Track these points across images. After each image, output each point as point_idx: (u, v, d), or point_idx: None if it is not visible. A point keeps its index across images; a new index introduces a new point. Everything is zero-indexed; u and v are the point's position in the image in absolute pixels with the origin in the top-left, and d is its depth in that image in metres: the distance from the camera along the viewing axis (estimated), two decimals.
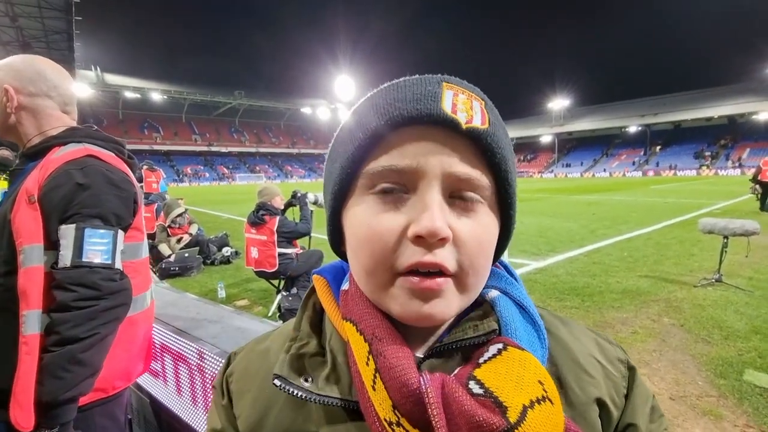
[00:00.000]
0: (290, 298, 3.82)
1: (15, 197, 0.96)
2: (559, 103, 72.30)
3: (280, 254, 3.92)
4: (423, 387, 0.31)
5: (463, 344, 0.37)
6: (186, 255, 5.98)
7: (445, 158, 0.34)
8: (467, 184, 0.35)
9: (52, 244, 0.94)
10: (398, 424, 0.32)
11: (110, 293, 0.95)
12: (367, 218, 0.35)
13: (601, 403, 0.39)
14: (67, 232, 0.93)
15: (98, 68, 61.43)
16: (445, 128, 0.34)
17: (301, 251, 4.20)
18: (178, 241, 6.49)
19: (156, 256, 6.24)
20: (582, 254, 6.37)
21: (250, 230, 4.01)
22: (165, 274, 5.58)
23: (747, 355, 2.96)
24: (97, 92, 61.00)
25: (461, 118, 0.34)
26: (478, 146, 0.35)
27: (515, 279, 0.45)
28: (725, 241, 4.51)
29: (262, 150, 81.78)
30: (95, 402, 1.04)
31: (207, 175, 68.01)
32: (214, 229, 8.91)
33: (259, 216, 3.94)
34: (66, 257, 0.92)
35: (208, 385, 1.04)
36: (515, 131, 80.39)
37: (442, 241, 0.33)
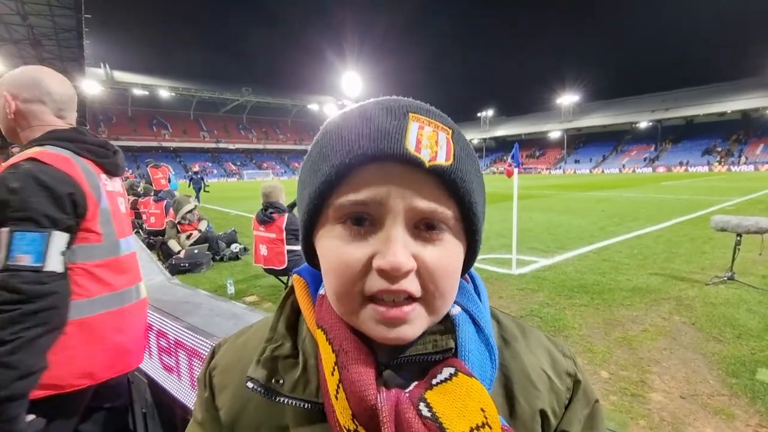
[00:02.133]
0: None
1: None
2: (568, 98, 71.45)
3: (289, 251, 3.94)
4: (378, 404, 0.34)
5: (421, 358, 0.39)
6: (195, 251, 6.04)
7: (409, 194, 0.35)
8: (431, 217, 0.36)
9: None
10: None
11: (35, 297, 0.95)
12: (336, 248, 0.37)
13: (543, 414, 0.43)
14: (1, 237, 0.95)
15: (107, 66, 62.01)
16: (409, 165, 0.34)
17: None
18: (188, 237, 6.55)
19: (166, 253, 6.32)
20: (591, 251, 6.32)
21: (259, 228, 4.04)
22: (175, 270, 5.64)
23: (760, 354, 2.92)
24: (107, 90, 61.62)
25: (425, 155, 0.34)
26: (442, 181, 0.35)
27: (479, 294, 0.46)
28: (738, 238, 4.44)
29: (269, 147, 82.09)
30: (48, 397, 1.06)
31: (215, 171, 68.44)
32: (223, 226, 8.98)
33: (268, 214, 3.96)
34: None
35: None
36: (523, 127, 79.74)
37: (406, 273, 0.35)
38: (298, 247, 3.99)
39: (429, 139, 0.35)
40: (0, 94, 1.15)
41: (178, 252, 6.15)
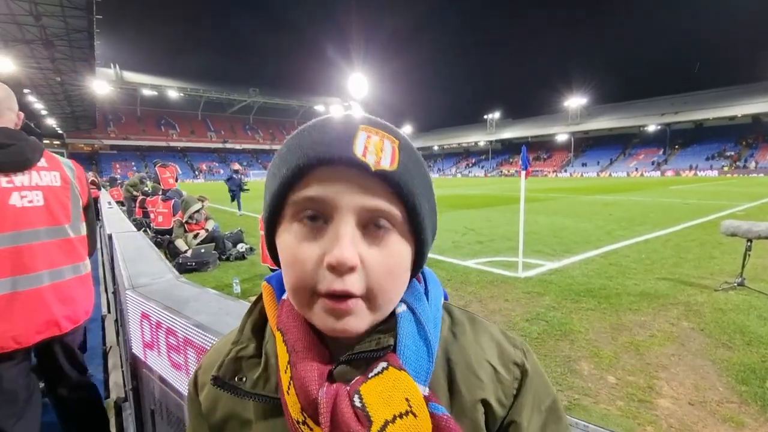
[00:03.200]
0: None
1: None
2: (575, 101, 71.04)
3: None
4: (319, 397, 0.39)
5: (368, 355, 0.42)
6: (202, 251, 6.08)
7: (356, 194, 0.39)
8: (378, 215, 0.39)
9: None
10: (304, 423, 0.39)
11: None
12: (291, 245, 0.41)
13: (486, 403, 0.44)
14: None
15: (117, 66, 62.72)
16: (356, 168, 0.38)
17: None
18: (195, 236, 6.61)
19: (173, 251, 6.38)
20: (598, 255, 6.28)
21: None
22: (182, 269, 5.69)
23: None
24: (116, 90, 62.31)
25: (370, 160, 0.38)
26: (387, 183, 0.39)
27: (427, 291, 0.49)
28: (749, 244, 4.38)
29: (275, 147, 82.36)
30: None
31: (221, 171, 68.87)
32: (229, 225, 9.04)
33: None
34: None
35: None
36: (530, 130, 79.35)
37: (352, 269, 0.38)
38: None
39: (375, 147, 0.39)
40: None
41: (185, 251, 6.20)
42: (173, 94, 69.31)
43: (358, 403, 0.38)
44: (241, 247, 6.75)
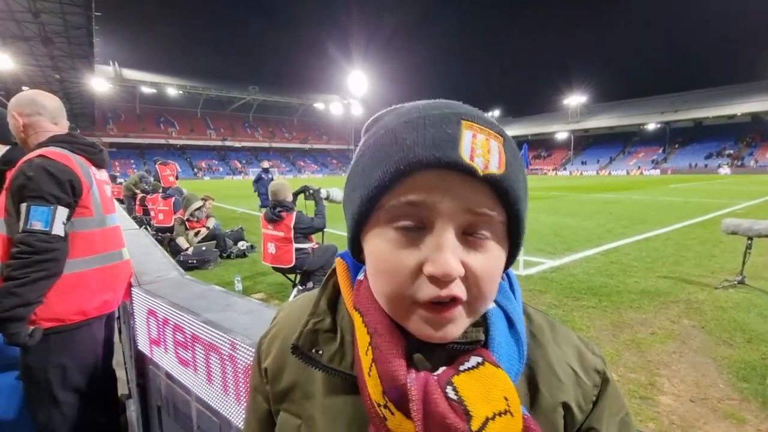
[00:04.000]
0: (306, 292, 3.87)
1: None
2: (575, 99, 70.99)
3: (296, 249, 3.96)
4: (408, 384, 0.37)
5: (450, 346, 0.41)
6: (203, 248, 6.09)
7: (460, 200, 0.36)
8: (481, 224, 0.37)
9: (12, 218, 1.40)
10: (385, 407, 0.38)
11: (42, 251, 1.36)
12: (386, 251, 0.38)
13: (566, 407, 0.43)
14: (22, 209, 1.37)
15: (116, 63, 62.53)
16: (462, 173, 0.35)
17: (317, 246, 4.24)
18: (196, 234, 6.61)
19: (174, 249, 6.38)
20: (599, 253, 6.29)
21: (267, 226, 4.06)
22: (183, 267, 5.67)
23: None
24: (115, 87, 62.09)
25: (479, 164, 0.35)
26: (493, 189, 0.37)
27: (514, 291, 0.48)
28: (749, 242, 4.40)
29: (275, 145, 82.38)
30: (54, 328, 1.47)
31: (221, 169, 68.81)
32: (230, 223, 9.04)
33: (276, 213, 3.99)
34: (20, 226, 1.36)
35: (240, 374, 1.07)
36: (530, 128, 79.28)
37: (455, 279, 0.36)
38: (306, 245, 4.04)
39: (482, 148, 0.36)
40: (10, 115, 1.57)
41: (186, 249, 6.20)
42: (173, 91, 69.14)
43: (453, 395, 0.36)
44: (242, 245, 6.75)
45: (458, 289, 0.37)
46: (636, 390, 2.55)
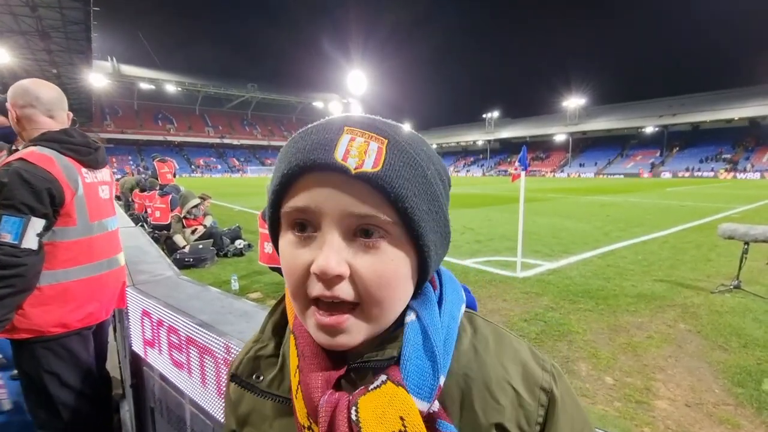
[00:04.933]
0: None
1: None
2: (574, 101, 71.12)
3: None
4: (320, 405, 0.39)
5: (372, 365, 0.41)
6: (200, 246, 6.05)
7: (341, 200, 0.37)
8: (367, 222, 0.38)
9: None
10: (309, 428, 0.40)
11: (8, 266, 1.24)
12: (287, 253, 0.41)
13: (502, 428, 0.41)
14: None
15: (114, 59, 62.24)
16: (340, 173, 0.37)
17: None
18: (193, 232, 6.58)
19: (170, 247, 6.34)
20: (596, 256, 6.30)
21: (264, 226, 4.04)
22: (179, 265, 5.66)
23: (766, 364, 2.90)
24: (113, 83, 61.82)
25: (351, 164, 0.36)
26: (372, 186, 0.37)
27: (441, 299, 0.45)
28: (745, 247, 4.41)
29: (273, 143, 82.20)
30: (33, 338, 1.41)
31: (219, 167, 68.63)
32: (227, 222, 9.00)
33: None
34: None
35: None
36: (528, 129, 79.42)
37: (339, 278, 0.37)
38: None
39: (358, 149, 0.37)
40: (8, 107, 1.47)
41: (183, 247, 6.17)
42: (171, 88, 68.91)
43: (354, 417, 0.37)
44: (239, 244, 6.72)
45: (342, 291, 0.38)
46: (632, 394, 2.56)
